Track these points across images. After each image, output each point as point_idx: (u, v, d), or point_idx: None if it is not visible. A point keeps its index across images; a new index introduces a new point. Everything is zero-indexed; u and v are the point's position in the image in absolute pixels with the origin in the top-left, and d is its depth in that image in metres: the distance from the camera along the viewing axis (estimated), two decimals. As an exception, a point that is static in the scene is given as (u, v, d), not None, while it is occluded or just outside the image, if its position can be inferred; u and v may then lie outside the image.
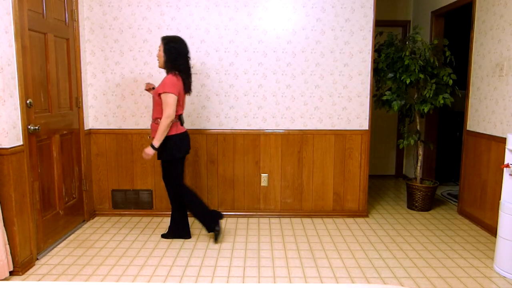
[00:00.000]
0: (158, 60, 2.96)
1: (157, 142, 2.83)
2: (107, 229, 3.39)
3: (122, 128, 3.64)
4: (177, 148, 2.94)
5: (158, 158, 2.99)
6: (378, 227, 3.49)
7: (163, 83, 2.82)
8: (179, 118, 2.97)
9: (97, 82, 3.59)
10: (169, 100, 2.78)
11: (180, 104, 2.91)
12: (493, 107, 3.37)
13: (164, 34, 3.51)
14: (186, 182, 3.69)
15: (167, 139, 2.90)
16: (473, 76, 3.72)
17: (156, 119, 2.91)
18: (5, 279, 2.50)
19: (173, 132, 2.90)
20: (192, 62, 3.55)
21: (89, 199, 3.63)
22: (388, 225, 3.54)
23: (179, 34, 3.52)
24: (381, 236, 3.29)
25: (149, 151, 2.85)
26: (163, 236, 3.21)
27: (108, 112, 3.63)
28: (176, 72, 2.86)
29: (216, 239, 3.12)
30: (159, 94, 2.83)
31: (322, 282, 2.51)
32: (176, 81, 2.83)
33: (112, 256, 2.86)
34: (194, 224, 3.53)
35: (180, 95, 2.88)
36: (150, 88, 3.13)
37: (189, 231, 3.20)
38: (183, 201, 3.05)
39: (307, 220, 3.65)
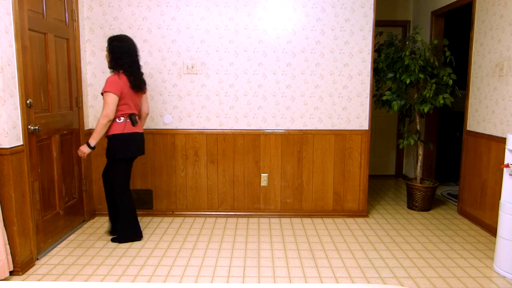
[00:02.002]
0: (107, 61, 2.93)
1: (93, 141, 2.82)
2: (107, 229, 3.39)
3: (122, 128, 3.64)
4: (118, 149, 2.89)
5: (106, 156, 2.98)
6: (378, 227, 3.49)
7: (106, 83, 2.81)
8: (129, 117, 2.91)
9: (97, 82, 3.59)
10: (107, 99, 2.76)
11: (128, 103, 2.87)
12: (493, 107, 3.37)
13: (164, 34, 3.51)
14: (187, 182, 3.69)
15: (109, 138, 2.89)
16: (473, 76, 3.72)
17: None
18: (5, 279, 2.50)
19: (116, 131, 2.87)
20: (192, 62, 3.55)
21: (89, 199, 3.63)
22: (388, 225, 3.54)
23: (179, 34, 3.52)
24: (381, 236, 3.29)
25: (84, 149, 2.85)
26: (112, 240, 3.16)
27: (108, 112, 3.63)
28: (120, 71, 2.85)
29: (110, 234, 3.21)
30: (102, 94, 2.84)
31: (322, 282, 2.51)
32: (116, 80, 2.81)
33: (112, 256, 2.86)
34: (195, 223, 3.53)
35: (126, 94, 2.84)
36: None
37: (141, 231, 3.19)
38: (117, 204, 3.01)
39: (307, 220, 3.65)
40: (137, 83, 2.91)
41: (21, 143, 2.60)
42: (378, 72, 3.97)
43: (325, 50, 3.56)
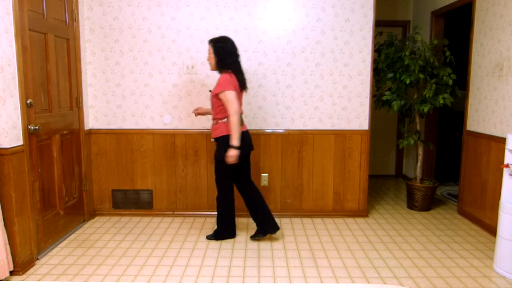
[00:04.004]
0: (209, 63, 2.93)
1: (235, 141, 2.77)
2: (107, 229, 3.40)
3: (122, 128, 3.64)
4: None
5: (215, 157, 2.94)
6: (378, 227, 3.49)
7: (218, 83, 2.81)
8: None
9: (97, 82, 3.59)
10: (229, 97, 2.76)
11: (238, 101, 2.88)
12: (493, 107, 3.37)
13: (164, 34, 3.52)
14: (187, 182, 3.69)
15: (221, 139, 2.86)
16: (473, 76, 3.72)
17: (216, 120, 2.89)
18: (5, 279, 2.50)
19: (228, 132, 2.86)
20: (192, 62, 3.55)
21: (89, 199, 3.63)
22: (388, 225, 3.55)
23: (179, 34, 3.52)
24: (381, 236, 3.29)
25: (232, 152, 2.78)
26: (209, 237, 3.20)
27: (108, 112, 3.63)
28: (229, 71, 2.85)
29: (212, 237, 3.19)
30: (217, 95, 2.80)
31: (322, 282, 2.51)
32: (229, 79, 2.82)
33: (112, 256, 2.87)
34: (195, 223, 3.53)
35: (237, 93, 2.86)
36: (198, 113, 3.16)
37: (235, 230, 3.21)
38: (225, 204, 3.03)
39: (307, 220, 3.65)
40: (244, 82, 2.95)
41: (21, 143, 2.61)
42: (378, 72, 3.97)
43: (325, 50, 3.56)
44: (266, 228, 3.10)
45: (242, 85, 2.92)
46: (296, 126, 3.65)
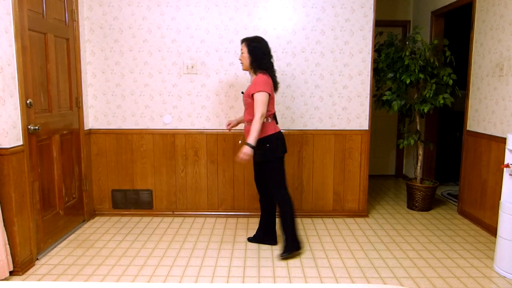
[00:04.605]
0: (241, 63, 2.87)
1: (253, 141, 2.72)
2: (107, 229, 3.39)
3: (122, 128, 3.64)
4: (277, 147, 2.86)
5: (257, 160, 2.88)
6: (378, 227, 3.49)
7: (256, 83, 2.76)
8: (274, 117, 2.92)
9: (97, 82, 3.59)
10: (262, 98, 2.72)
11: (273, 103, 2.86)
12: (493, 107, 3.37)
13: (164, 34, 3.51)
14: (187, 182, 3.69)
15: (266, 140, 2.83)
16: (473, 76, 3.72)
17: (250, 121, 2.83)
18: (5, 279, 2.50)
19: (271, 132, 2.84)
20: (192, 62, 3.55)
21: (89, 199, 3.63)
22: (388, 225, 3.54)
23: (179, 34, 3.52)
24: (381, 236, 3.29)
25: (247, 150, 2.70)
26: (250, 239, 3.16)
27: (108, 112, 3.63)
28: (264, 71, 2.81)
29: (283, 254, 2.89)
30: (252, 95, 2.77)
31: (322, 282, 2.51)
32: (267, 80, 2.78)
33: (112, 256, 2.86)
34: (195, 223, 3.53)
35: (272, 93, 2.84)
36: (232, 127, 3.11)
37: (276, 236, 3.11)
38: (282, 206, 2.90)
39: (307, 220, 3.65)
40: (277, 83, 2.92)
41: (21, 143, 2.60)
42: (378, 72, 3.97)
43: (325, 50, 3.56)
44: (262, 238, 3.11)
45: (275, 86, 2.91)
46: (296, 126, 3.65)
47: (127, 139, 3.65)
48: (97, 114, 3.63)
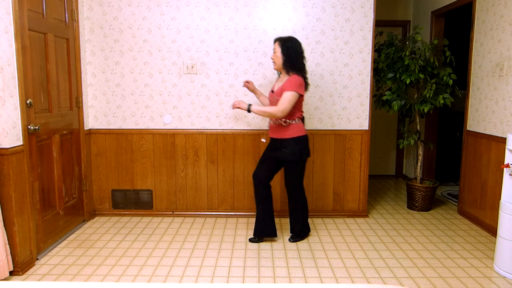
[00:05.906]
0: (274, 62, 2.86)
1: (256, 111, 2.78)
2: (107, 229, 3.39)
3: (122, 128, 3.64)
4: (305, 149, 2.91)
5: (284, 159, 2.90)
6: (378, 227, 3.49)
7: (292, 82, 2.74)
8: (303, 119, 2.94)
9: (97, 82, 3.59)
10: (291, 98, 2.72)
11: (302, 104, 2.86)
12: (493, 107, 3.37)
13: (164, 34, 3.51)
14: (187, 182, 3.69)
15: (295, 140, 2.84)
16: (473, 76, 3.72)
17: (284, 120, 2.84)
18: (5, 279, 2.50)
19: (301, 133, 2.87)
20: (192, 62, 3.55)
21: (89, 199, 3.63)
22: (388, 225, 3.54)
23: (179, 34, 3.52)
24: (381, 236, 3.28)
25: (243, 105, 2.79)
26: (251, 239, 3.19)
27: (108, 112, 3.63)
28: (298, 72, 2.80)
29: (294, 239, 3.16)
30: (282, 92, 2.76)
31: (322, 282, 2.51)
32: (302, 82, 2.78)
33: (112, 256, 2.86)
34: (195, 224, 3.53)
35: (303, 95, 2.84)
36: (248, 85, 3.12)
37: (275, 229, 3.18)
38: (298, 203, 3.05)
39: (307, 220, 3.65)
40: (307, 85, 2.92)
41: (21, 143, 2.60)
42: (378, 72, 3.97)
43: (325, 50, 3.56)
44: (262, 232, 3.13)
45: (306, 88, 2.91)
46: (296, 126, 3.65)
47: (127, 139, 3.65)
48: (97, 114, 3.63)
